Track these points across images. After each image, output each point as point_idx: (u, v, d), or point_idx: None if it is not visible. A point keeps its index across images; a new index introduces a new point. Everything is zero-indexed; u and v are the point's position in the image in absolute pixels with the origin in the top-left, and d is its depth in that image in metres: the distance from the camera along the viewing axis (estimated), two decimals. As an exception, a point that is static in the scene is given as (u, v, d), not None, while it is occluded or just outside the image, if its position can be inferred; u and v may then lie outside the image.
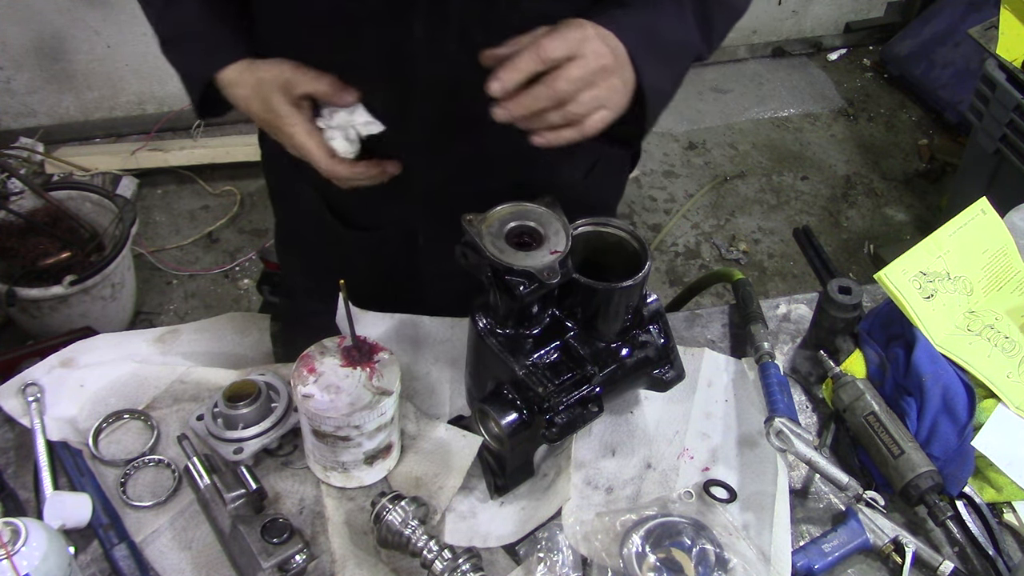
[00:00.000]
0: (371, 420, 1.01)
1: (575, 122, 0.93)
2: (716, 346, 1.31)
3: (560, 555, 1.01)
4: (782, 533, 1.04)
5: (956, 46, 3.72)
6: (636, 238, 1.03)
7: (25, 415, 1.12)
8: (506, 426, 1.00)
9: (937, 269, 1.26)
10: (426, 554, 0.96)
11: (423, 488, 1.08)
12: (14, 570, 0.84)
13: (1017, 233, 1.35)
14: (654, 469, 1.13)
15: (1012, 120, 2.56)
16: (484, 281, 0.96)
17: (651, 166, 3.52)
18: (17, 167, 2.62)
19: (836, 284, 1.27)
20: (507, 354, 0.99)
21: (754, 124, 3.78)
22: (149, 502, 1.06)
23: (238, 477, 1.01)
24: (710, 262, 3.15)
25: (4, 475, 1.08)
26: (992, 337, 1.24)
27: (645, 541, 0.99)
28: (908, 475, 1.09)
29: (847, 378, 1.19)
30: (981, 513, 1.11)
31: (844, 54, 4.21)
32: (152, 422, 1.14)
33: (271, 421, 1.10)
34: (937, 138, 3.72)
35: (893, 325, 1.25)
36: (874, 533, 1.07)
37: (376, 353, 1.05)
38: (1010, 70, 2.54)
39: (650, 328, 1.07)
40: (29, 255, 2.40)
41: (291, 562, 0.96)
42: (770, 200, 3.42)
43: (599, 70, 0.92)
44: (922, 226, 3.30)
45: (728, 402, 1.22)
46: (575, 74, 0.91)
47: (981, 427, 1.15)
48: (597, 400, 1.01)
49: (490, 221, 0.96)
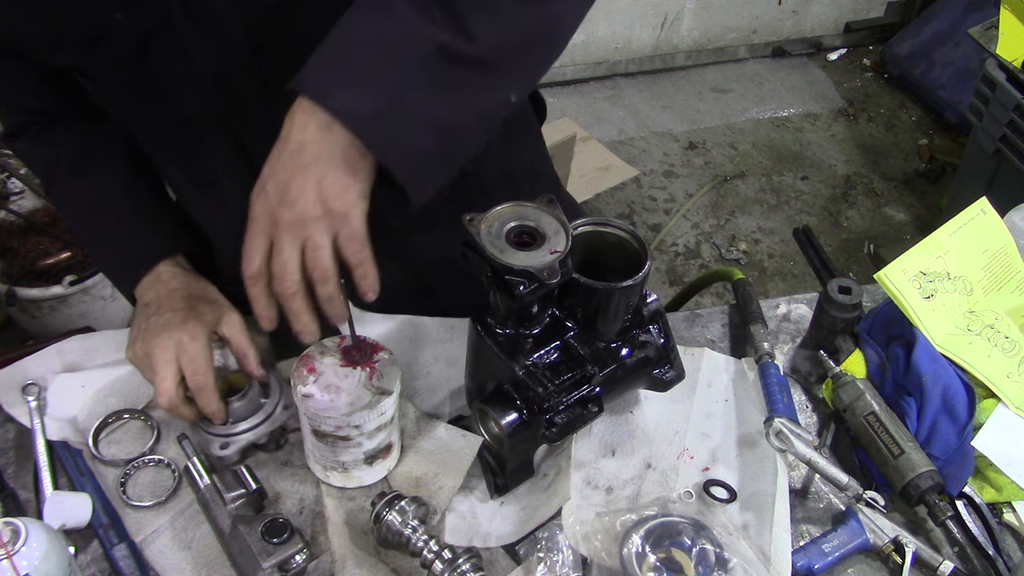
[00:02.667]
0: (371, 420, 1.01)
1: (330, 282, 0.84)
2: (716, 346, 1.31)
3: (560, 555, 1.01)
4: (782, 533, 1.04)
5: (956, 46, 3.72)
6: (636, 238, 1.03)
7: (25, 414, 1.13)
8: (506, 426, 1.00)
9: (937, 269, 1.26)
10: (426, 554, 0.96)
11: (423, 488, 1.08)
12: (14, 570, 0.84)
13: (1017, 233, 1.35)
14: (654, 469, 1.13)
15: (1012, 120, 2.56)
16: (484, 281, 0.96)
17: (651, 166, 3.52)
18: (17, 167, 2.61)
19: (836, 284, 1.27)
20: (507, 354, 0.99)
21: (754, 124, 3.79)
22: (149, 502, 1.06)
23: (238, 477, 1.01)
24: (710, 262, 3.15)
25: (4, 475, 1.09)
26: (992, 337, 1.24)
27: (645, 541, 0.99)
28: (908, 475, 1.09)
29: (847, 378, 1.19)
30: (981, 513, 1.11)
31: (844, 54, 4.22)
32: (152, 422, 1.14)
33: (260, 416, 1.10)
34: (937, 138, 3.72)
35: (893, 325, 1.25)
36: (874, 533, 1.07)
37: (376, 353, 1.05)
38: (1010, 70, 2.54)
39: (650, 328, 1.07)
40: (29, 255, 2.40)
41: (291, 562, 0.96)
42: (770, 200, 3.43)
43: (296, 223, 0.80)
44: (922, 226, 3.31)
45: (728, 402, 1.22)
46: (282, 270, 0.82)
47: (981, 427, 1.15)
48: (597, 400, 1.01)
49: (490, 221, 0.96)
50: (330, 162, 0.80)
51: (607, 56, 3.90)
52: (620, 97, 3.87)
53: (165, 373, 1.03)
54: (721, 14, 3.98)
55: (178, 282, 1.11)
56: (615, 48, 3.89)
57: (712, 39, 4.05)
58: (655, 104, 3.85)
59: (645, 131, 3.70)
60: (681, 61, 4.05)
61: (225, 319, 1.10)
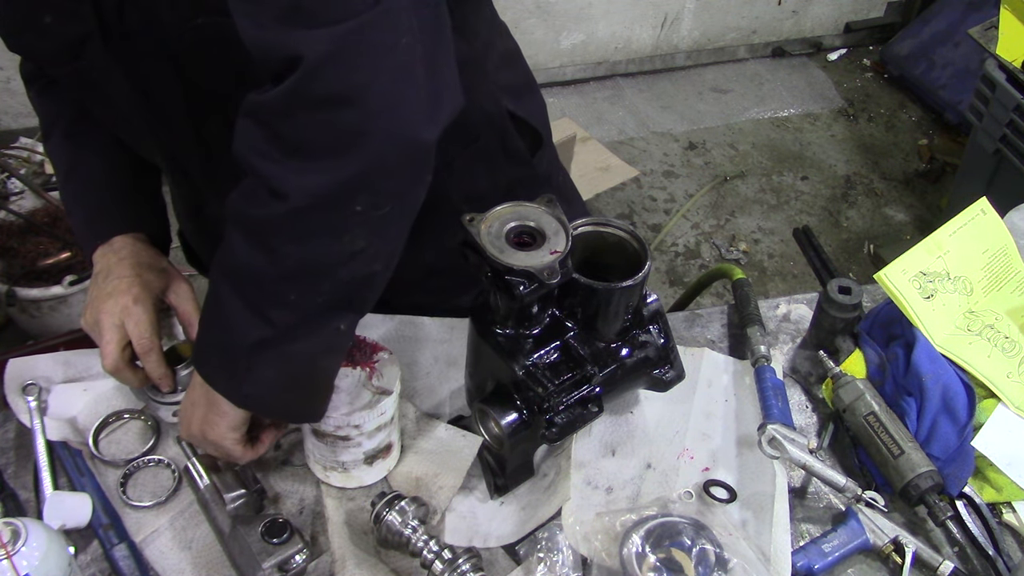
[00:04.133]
0: (371, 420, 1.01)
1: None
2: (716, 346, 1.31)
3: (560, 555, 1.01)
4: (782, 533, 1.04)
5: (956, 46, 3.72)
6: (636, 238, 1.03)
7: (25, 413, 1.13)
8: (506, 426, 1.00)
9: (937, 269, 1.26)
10: (426, 554, 0.96)
11: (423, 488, 1.08)
12: (14, 570, 0.84)
13: (1017, 233, 1.35)
14: (654, 469, 1.13)
15: (1012, 120, 2.56)
16: (484, 281, 0.96)
17: (651, 166, 3.52)
18: (17, 167, 2.61)
19: (836, 284, 1.27)
20: (507, 354, 0.99)
21: (754, 124, 3.79)
22: (149, 502, 1.06)
23: (238, 477, 1.02)
24: (710, 262, 3.15)
25: (4, 475, 1.08)
26: (992, 337, 1.24)
27: (645, 541, 0.99)
28: (908, 475, 1.09)
29: (847, 378, 1.19)
30: (981, 513, 1.11)
31: (844, 54, 4.22)
32: (152, 422, 1.14)
33: None
34: (937, 138, 3.72)
35: (893, 325, 1.25)
36: (874, 533, 1.07)
37: (376, 353, 1.05)
38: (1010, 70, 2.54)
39: (650, 328, 1.07)
40: (29, 255, 2.40)
41: (291, 562, 0.96)
42: (770, 200, 3.42)
43: (190, 437, 1.00)
44: (922, 226, 3.31)
45: (728, 402, 1.22)
46: None
47: (981, 427, 1.15)
48: (597, 400, 1.01)
49: (490, 221, 0.96)
50: (208, 406, 0.95)
51: (607, 56, 3.90)
52: (620, 97, 3.87)
53: (109, 337, 1.05)
54: (721, 14, 3.98)
55: (128, 251, 1.13)
56: (615, 48, 3.89)
57: (712, 39, 4.05)
58: (655, 104, 3.85)
59: (645, 131, 3.70)
60: (681, 61, 4.05)
61: (173, 287, 1.13)
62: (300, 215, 0.81)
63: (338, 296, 0.88)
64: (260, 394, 0.92)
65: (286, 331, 0.87)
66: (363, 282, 0.89)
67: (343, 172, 0.80)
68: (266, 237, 0.84)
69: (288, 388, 0.93)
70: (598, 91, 3.89)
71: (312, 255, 0.84)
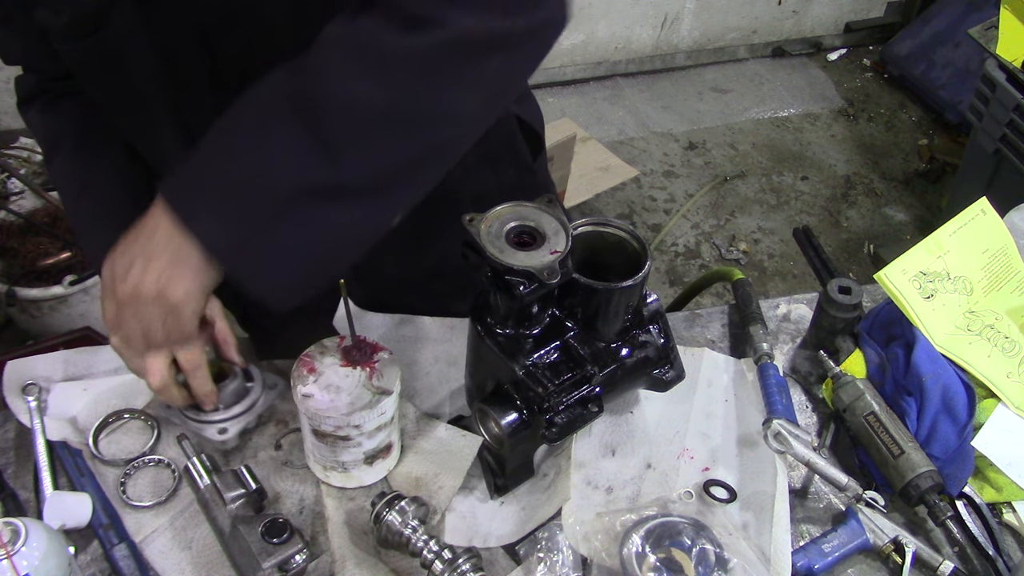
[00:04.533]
0: (371, 420, 1.01)
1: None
2: (716, 346, 1.31)
3: (560, 555, 1.01)
4: (782, 533, 1.04)
5: (956, 46, 3.72)
6: (636, 238, 1.03)
7: (25, 413, 1.13)
8: (506, 426, 1.00)
9: (937, 269, 1.26)
10: (426, 554, 0.96)
11: (423, 488, 1.08)
12: (14, 570, 0.84)
13: (1017, 233, 1.35)
14: (654, 469, 1.13)
15: (1012, 120, 2.56)
16: (484, 281, 0.96)
17: (651, 166, 3.52)
18: (17, 167, 2.61)
19: (836, 284, 1.27)
20: (507, 354, 0.99)
21: (754, 124, 3.79)
22: (149, 502, 1.06)
23: (238, 477, 1.02)
24: (710, 262, 3.15)
25: (4, 475, 1.08)
26: (992, 337, 1.24)
27: (645, 541, 0.99)
28: (908, 475, 1.09)
29: (847, 378, 1.19)
30: (981, 513, 1.11)
31: (844, 54, 4.22)
32: (152, 422, 1.14)
33: (252, 398, 1.11)
34: (937, 138, 3.72)
35: (893, 325, 1.25)
36: (874, 533, 1.07)
37: (376, 353, 1.05)
38: (1010, 70, 2.54)
39: (650, 328, 1.07)
40: (29, 255, 2.40)
41: (291, 562, 0.96)
42: (770, 200, 3.43)
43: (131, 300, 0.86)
44: (922, 226, 3.31)
45: (728, 402, 1.22)
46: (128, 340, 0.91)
47: (981, 427, 1.15)
48: (597, 400, 1.01)
49: (490, 221, 0.96)
50: (173, 259, 0.82)
51: (607, 56, 3.90)
52: (620, 97, 3.87)
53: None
54: (721, 14, 3.98)
55: None
56: (615, 48, 3.89)
57: (712, 39, 4.05)
58: (655, 104, 3.85)
59: (645, 131, 3.70)
60: (681, 61, 4.05)
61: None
62: (438, 52, 0.75)
63: (418, 157, 0.80)
64: (272, 257, 0.80)
65: (347, 183, 0.77)
66: (445, 154, 0.83)
67: (503, 24, 0.77)
68: (385, 65, 0.75)
69: (303, 262, 0.81)
70: (598, 91, 3.89)
71: (428, 98, 0.77)
